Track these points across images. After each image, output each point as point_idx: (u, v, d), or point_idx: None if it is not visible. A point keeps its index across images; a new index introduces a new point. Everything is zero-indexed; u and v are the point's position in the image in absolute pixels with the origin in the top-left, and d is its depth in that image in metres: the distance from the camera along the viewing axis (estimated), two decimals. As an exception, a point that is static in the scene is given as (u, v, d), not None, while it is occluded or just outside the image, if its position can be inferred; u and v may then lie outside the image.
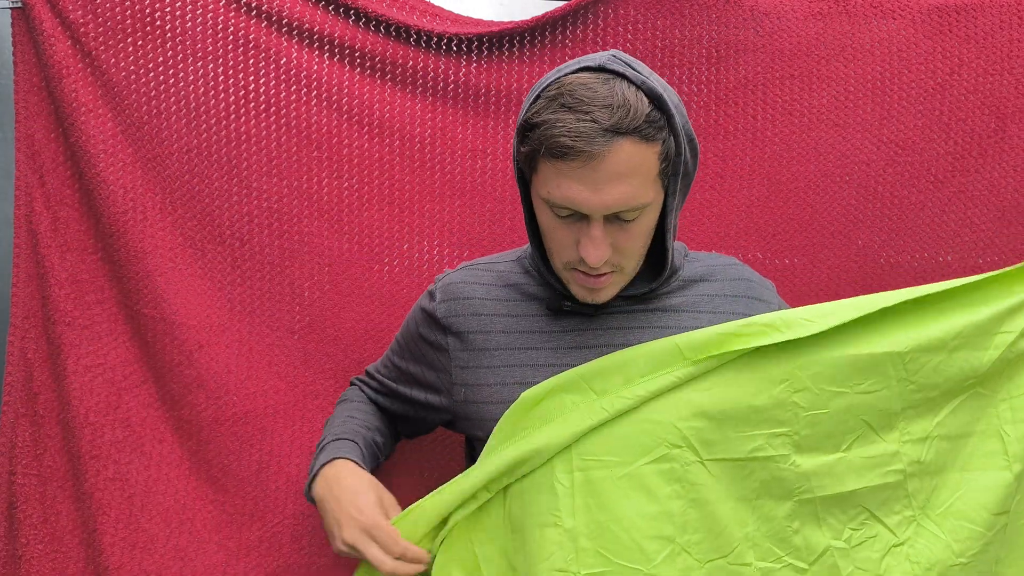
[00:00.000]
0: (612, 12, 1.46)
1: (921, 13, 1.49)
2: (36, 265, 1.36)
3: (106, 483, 1.36)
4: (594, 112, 0.92)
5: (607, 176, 0.93)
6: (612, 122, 0.91)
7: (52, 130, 1.36)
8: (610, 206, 0.95)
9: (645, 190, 0.96)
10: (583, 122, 0.91)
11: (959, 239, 1.51)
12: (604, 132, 0.91)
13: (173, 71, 1.39)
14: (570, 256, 1.02)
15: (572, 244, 1.00)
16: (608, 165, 0.92)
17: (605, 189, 0.94)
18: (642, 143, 0.94)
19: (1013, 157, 1.50)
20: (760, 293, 1.18)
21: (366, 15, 1.42)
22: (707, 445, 1.01)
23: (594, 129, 0.91)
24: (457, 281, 1.19)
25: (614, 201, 0.95)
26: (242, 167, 1.41)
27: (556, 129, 0.92)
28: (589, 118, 0.91)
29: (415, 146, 1.47)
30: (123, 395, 1.38)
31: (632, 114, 0.92)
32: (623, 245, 1.01)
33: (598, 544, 0.99)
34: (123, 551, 1.36)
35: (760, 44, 1.48)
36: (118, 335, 1.39)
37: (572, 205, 0.96)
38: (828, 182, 1.50)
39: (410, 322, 1.24)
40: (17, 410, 1.35)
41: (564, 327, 1.12)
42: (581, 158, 0.92)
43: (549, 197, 0.97)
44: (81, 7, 1.34)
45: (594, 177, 0.93)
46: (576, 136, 0.91)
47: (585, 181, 0.93)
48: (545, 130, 0.93)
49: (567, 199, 0.95)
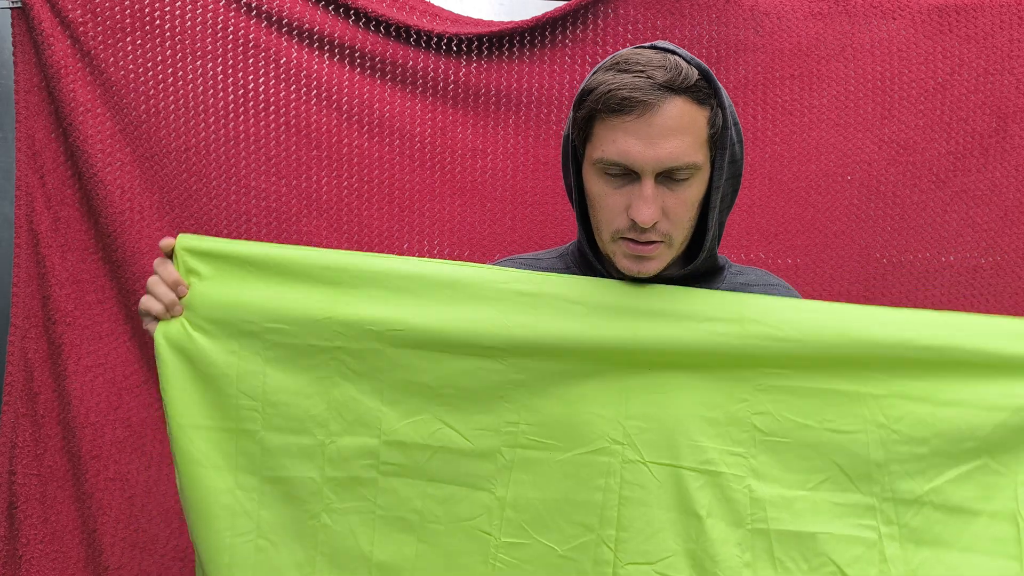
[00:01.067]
0: (612, 12, 1.46)
1: (921, 13, 1.49)
2: (37, 265, 1.36)
3: (106, 483, 1.37)
4: (649, 70, 0.97)
5: (660, 130, 0.97)
6: (666, 79, 0.97)
7: (52, 130, 1.36)
8: (663, 160, 0.98)
9: (695, 150, 1.00)
10: (638, 78, 0.97)
11: (961, 239, 1.51)
12: (658, 87, 0.96)
13: (172, 70, 1.39)
14: (620, 223, 1.03)
15: (622, 210, 1.02)
16: (661, 119, 0.97)
17: (659, 143, 0.97)
18: (693, 104, 0.98)
19: (1014, 157, 1.50)
20: None
21: (366, 15, 1.42)
22: (652, 447, 1.01)
23: (649, 83, 0.96)
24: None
25: (667, 155, 0.98)
26: (240, 166, 1.41)
27: (612, 86, 0.97)
28: (644, 75, 0.97)
29: (415, 146, 1.47)
30: (124, 395, 1.39)
31: (684, 76, 0.97)
32: (672, 210, 1.02)
33: (522, 517, 1.03)
34: (123, 551, 1.37)
35: (760, 44, 1.48)
36: (119, 335, 1.39)
37: (626, 159, 0.98)
38: (829, 182, 1.50)
39: None
40: (17, 410, 1.36)
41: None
42: (637, 110, 0.96)
43: (604, 155, 1.00)
44: (80, 6, 1.34)
45: (648, 131, 0.97)
46: (632, 89, 0.96)
47: (640, 135, 0.97)
48: (602, 88, 0.98)
49: (622, 153, 0.98)
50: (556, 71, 1.47)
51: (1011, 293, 1.51)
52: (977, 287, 1.51)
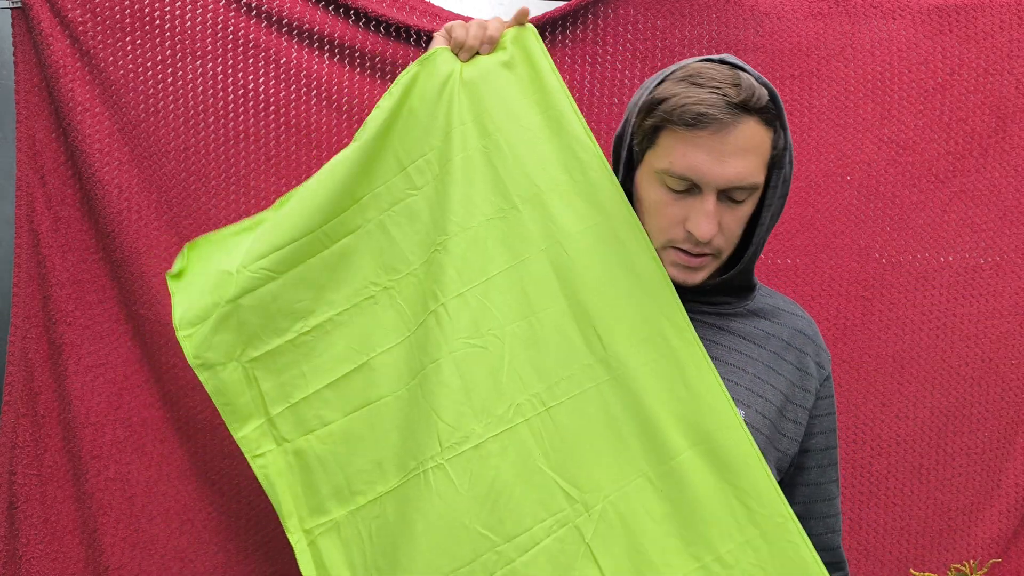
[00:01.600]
0: (612, 12, 1.46)
1: (921, 13, 1.49)
2: (37, 265, 1.36)
3: (107, 483, 1.37)
4: (724, 88, 0.97)
5: (732, 149, 0.98)
6: (741, 99, 0.97)
7: (53, 130, 1.36)
8: (731, 179, 0.99)
9: (759, 171, 1.01)
10: (715, 95, 0.97)
11: (960, 239, 1.51)
12: (734, 107, 0.97)
13: (171, 70, 1.39)
14: (675, 234, 1.04)
15: (679, 221, 1.03)
16: (734, 138, 0.98)
17: (729, 161, 0.98)
18: (763, 126, 1.00)
19: (1014, 157, 1.50)
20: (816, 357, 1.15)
21: (366, 15, 1.42)
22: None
23: (725, 102, 0.97)
24: None
25: (735, 174, 0.99)
26: (240, 166, 1.41)
27: (689, 99, 0.97)
28: (720, 92, 0.97)
29: (415, 146, 1.47)
30: (124, 395, 1.39)
31: (757, 97, 0.98)
32: (727, 226, 1.03)
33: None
34: (123, 551, 1.37)
35: (760, 44, 1.48)
36: (119, 335, 1.39)
37: (694, 174, 0.99)
38: (828, 182, 1.50)
39: None
40: (18, 410, 1.36)
41: None
42: (712, 127, 0.97)
43: (671, 167, 1.00)
44: (80, 6, 1.34)
45: (720, 148, 0.97)
46: (709, 105, 0.96)
47: (711, 151, 0.98)
48: (676, 101, 0.98)
49: (691, 167, 0.99)
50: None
51: (1010, 293, 1.51)
52: (976, 287, 1.51)
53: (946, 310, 1.50)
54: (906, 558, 1.49)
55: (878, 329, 1.50)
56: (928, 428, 1.50)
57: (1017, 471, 1.49)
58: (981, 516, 1.49)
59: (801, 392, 1.12)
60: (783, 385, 1.11)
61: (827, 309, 1.50)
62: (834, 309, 1.50)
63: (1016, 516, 1.48)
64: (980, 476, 1.50)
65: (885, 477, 1.49)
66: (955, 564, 1.48)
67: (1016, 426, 1.50)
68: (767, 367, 1.10)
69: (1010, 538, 1.49)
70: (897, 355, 1.50)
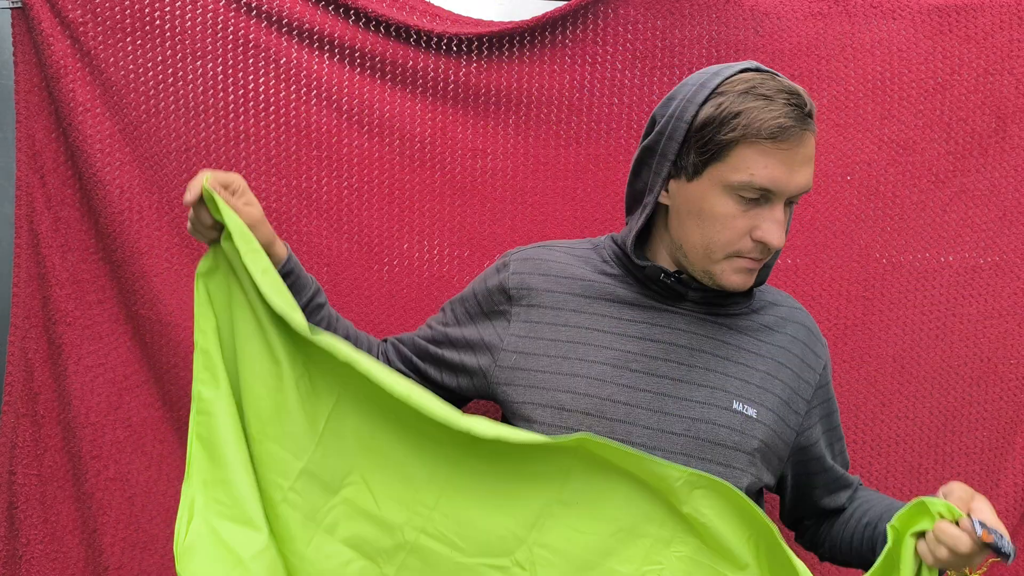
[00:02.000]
0: (612, 12, 1.46)
1: (921, 13, 1.49)
2: (37, 265, 1.36)
3: (107, 483, 1.37)
4: (793, 99, 1.01)
5: (803, 158, 1.03)
6: (808, 109, 1.02)
7: (53, 130, 1.36)
8: (802, 186, 1.04)
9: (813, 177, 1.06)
10: (790, 106, 1.00)
11: (960, 239, 1.51)
12: (805, 117, 1.02)
13: (172, 70, 1.39)
14: (742, 244, 1.06)
15: (746, 232, 1.06)
16: (805, 148, 1.03)
17: (800, 171, 1.03)
18: (814, 133, 1.05)
19: (1014, 157, 1.50)
20: (815, 348, 1.19)
21: (366, 15, 1.41)
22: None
23: (800, 114, 1.01)
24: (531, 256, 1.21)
25: (805, 182, 1.04)
26: (240, 166, 1.41)
27: (769, 113, 1.00)
28: (793, 103, 1.01)
29: (415, 146, 1.47)
30: (124, 395, 1.39)
31: (811, 106, 1.03)
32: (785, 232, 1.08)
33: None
34: (123, 551, 1.37)
35: (760, 44, 1.48)
36: (119, 335, 1.39)
37: (772, 185, 1.02)
38: (829, 182, 1.50)
39: (477, 284, 1.23)
40: (18, 410, 1.36)
41: (634, 316, 1.14)
42: (794, 139, 1.01)
43: (750, 179, 1.02)
44: (80, 6, 1.34)
45: (794, 159, 1.02)
46: (789, 117, 1.00)
47: (788, 162, 1.01)
48: (754, 115, 1.00)
49: (771, 179, 1.02)
50: (556, 71, 1.47)
51: (1010, 293, 1.51)
52: (977, 287, 1.51)
53: (946, 310, 1.50)
54: (906, 558, 1.49)
55: (878, 329, 1.50)
56: (928, 428, 1.50)
57: (1016, 471, 1.48)
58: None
59: (804, 384, 1.15)
60: (789, 378, 1.14)
61: (827, 309, 1.50)
62: (834, 309, 1.50)
63: (1016, 516, 1.48)
64: (979, 476, 1.50)
65: (885, 477, 1.49)
66: (955, 564, 1.48)
67: (1016, 426, 1.50)
68: (776, 362, 1.14)
69: (1010, 538, 1.49)
70: (897, 355, 1.50)
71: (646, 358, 1.11)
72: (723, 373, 1.11)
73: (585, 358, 1.11)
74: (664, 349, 1.11)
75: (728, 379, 1.11)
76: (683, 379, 1.10)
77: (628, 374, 1.10)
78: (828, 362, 1.20)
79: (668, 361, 1.11)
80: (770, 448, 1.11)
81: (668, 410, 1.08)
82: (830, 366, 1.21)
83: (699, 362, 1.11)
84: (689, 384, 1.10)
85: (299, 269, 1.14)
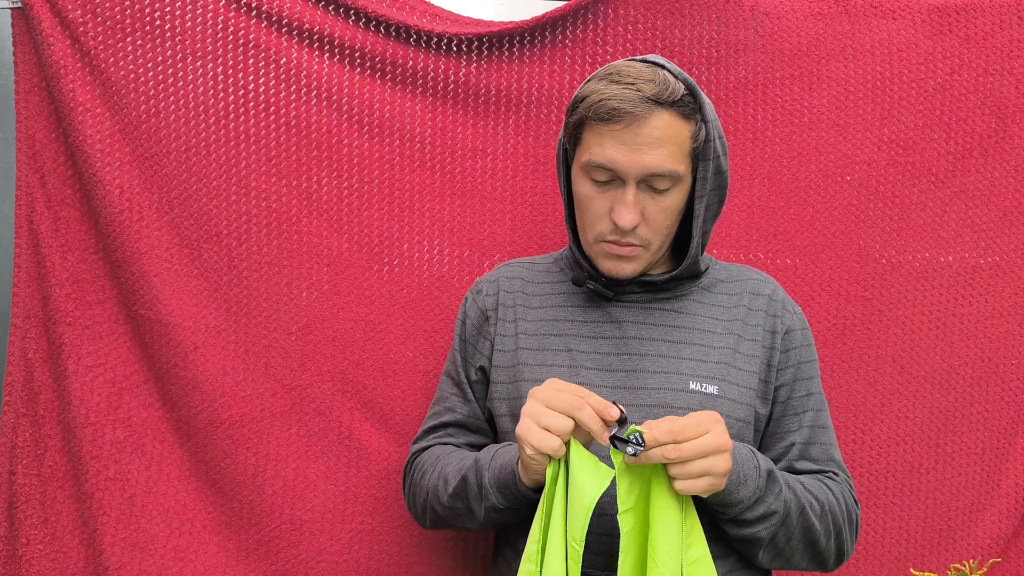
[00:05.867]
0: (612, 12, 1.46)
1: (921, 13, 1.49)
2: (37, 265, 1.36)
3: (106, 483, 1.37)
4: (638, 84, 1.04)
5: (646, 140, 1.04)
6: (653, 93, 1.04)
7: (53, 130, 1.36)
8: (648, 166, 1.05)
9: (677, 160, 1.07)
10: (628, 90, 1.04)
11: (960, 239, 1.51)
12: (646, 100, 1.04)
13: (172, 70, 1.39)
14: (602, 227, 1.10)
15: (605, 214, 1.10)
16: (648, 130, 1.04)
17: (643, 150, 1.05)
18: (678, 118, 1.06)
19: (1014, 157, 1.50)
20: (777, 313, 1.18)
21: (366, 15, 1.42)
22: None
23: (638, 96, 1.03)
24: (493, 277, 1.29)
25: (651, 161, 1.05)
26: (240, 167, 1.41)
27: (604, 95, 1.05)
28: (634, 88, 1.04)
29: (415, 146, 1.47)
30: (124, 395, 1.39)
31: (671, 91, 1.05)
32: (652, 217, 1.09)
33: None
34: (123, 551, 1.36)
35: (760, 44, 1.48)
36: (119, 335, 1.39)
37: (612, 164, 1.06)
38: (828, 182, 1.50)
39: (459, 329, 1.29)
40: (18, 410, 1.36)
41: (587, 317, 1.18)
42: (625, 120, 1.04)
43: (591, 159, 1.07)
44: (80, 6, 1.34)
45: (635, 140, 1.04)
46: (622, 100, 1.03)
47: (627, 143, 1.04)
48: (594, 97, 1.05)
49: (609, 159, 1.06)
50: (556, 71, 1.47)
51: (1010, 293, 1.51)
52: (976, 287, 1.51)
53: (946, 310, 1.50)
54: (906, 558, 1.49)
55: (878, 329, 1.50)
56: (928, 428, 1.50)
57: (1017, 471, 1.48)
58: (981, 516, 1.49)
59: (772, 352, 1.16)
60: (758, 350, 1.15)
61: (827, 309, 1.50)
62: (834, 309, 1.50)
63: (1016, 516, 1.48)
64: (980, 476, 1.50)
65: (885, 477, 1.49)
66: (955, 564, 1.48)
67: (1016, 426, 1.50)
68: (738, 336, 1.15)
69: (1010, 538, 1.49)
70: (897, 355, 1.50)
71: (598, 355, 1.14)
72: (676, 357, 1.13)
73: (544, 363, 1.16)
74: (615, 344, 1.15)
75: (682, 361, 1.12)
76: (636, 369, 1.12)
77: (584, 372, 1.13)
78: (799, 328, 1.19)
79: (620, 355, 1.14)
80: (742, 421, 1.11)
81: (625, 402, 1.10)
82: (802, 332, 1.19)
83: (651, 350, 1.13)
84: (643, 373, 1.12)
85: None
